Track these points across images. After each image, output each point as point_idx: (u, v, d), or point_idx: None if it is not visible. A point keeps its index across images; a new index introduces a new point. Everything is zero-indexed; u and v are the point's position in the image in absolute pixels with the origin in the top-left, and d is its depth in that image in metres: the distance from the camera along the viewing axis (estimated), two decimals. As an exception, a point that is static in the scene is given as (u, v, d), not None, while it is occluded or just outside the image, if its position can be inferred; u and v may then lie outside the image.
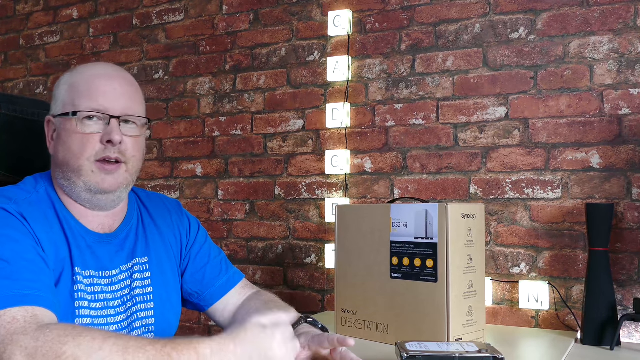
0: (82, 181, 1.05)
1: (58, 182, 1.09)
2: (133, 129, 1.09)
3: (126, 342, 0.82)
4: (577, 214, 1.71)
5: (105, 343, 0.81)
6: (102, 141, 1.05)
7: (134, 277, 1.13)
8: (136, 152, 1.10)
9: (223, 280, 1.26)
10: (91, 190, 1.06)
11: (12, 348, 0.80)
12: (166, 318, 1.17)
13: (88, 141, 1.04)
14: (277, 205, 2.14)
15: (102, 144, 1.05)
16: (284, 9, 2.17)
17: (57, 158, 1.08)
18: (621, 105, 1.68)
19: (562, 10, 1.76)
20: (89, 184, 1.05)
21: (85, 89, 1.06)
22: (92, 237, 1.09)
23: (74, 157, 1.05)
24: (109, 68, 1.11)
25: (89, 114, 1.04)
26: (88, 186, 1.05)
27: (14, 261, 0.92)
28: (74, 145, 1.05)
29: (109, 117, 1.05)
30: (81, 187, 1.06)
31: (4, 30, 2.81)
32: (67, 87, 1.08)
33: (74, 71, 1.11)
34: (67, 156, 1.05)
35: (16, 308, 0.86)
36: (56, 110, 1.09)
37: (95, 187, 1.05)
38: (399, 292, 1.43)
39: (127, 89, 1.10)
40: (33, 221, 1.00)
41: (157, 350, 0.81)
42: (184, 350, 0.82)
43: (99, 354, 0.79)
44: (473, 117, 1.85)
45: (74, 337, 0.81)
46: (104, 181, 1.05)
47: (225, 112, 2.26)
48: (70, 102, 1.06)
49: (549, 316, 1.72)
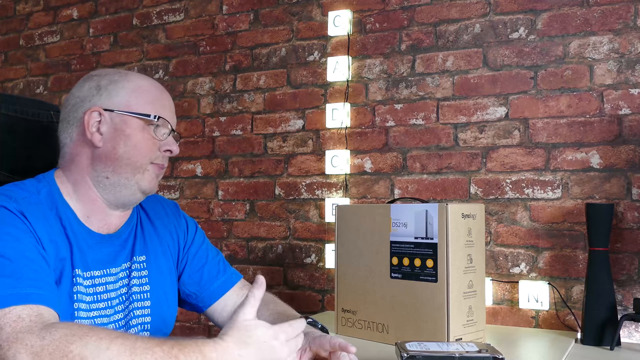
0: (136, 179, 1.10)
1: (96, 173, 1.09)
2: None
3: (133, 342, 0.82)
4: (577, 214, 1.71)
5: (113, 343, 0.81)
6: (161, 149, 1.12)
7: (132, 275, 1.14)
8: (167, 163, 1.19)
9: (221, 280, 1.26)
10: (140, 188, 1.11)
11: (17, 346, 0.80)
12: (162, 317, 1.17)
13: (154, 145, 1.11)
14: (277, 205, 2.14)
15: (161, 151, 1.13)
16: (284, 9, 2.17)
17: (112, 151, 1.08)
18: (621, 105, 1.68)
19: (562, 10, 1.76)
20: (141, 182, 1.10)
21: (158, 98, 1.13)
22: (95, 238, 1.10)
23: (140, 154, 1.09)
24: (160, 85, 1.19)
25: (163, 122, 1.11)
26: (139, 185, 1.10)
27: (16, 259, 0.92)
28: (142, 144, 1.09)
29: (171, 129, 1.14)
30: (131, 184, 1.10)
31: (4, 30, 2.81)
32: (135, 88, 1.11)
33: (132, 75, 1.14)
34: (131, 152, 1.09)
35: (21, 306, 0.86)
36: (116, 105, 1.09)
37: (145, 186, 1.11)
38: (399, 292, 1.43)
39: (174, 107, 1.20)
40: (33, 220, 1.00)
41: (165, 351, 0.82)
42: (190, 353, 0.82)
43: (107, 353, 0.80)
44: (473, 117, 1.85)
45: (80, 337, 0.81)
46: (152, 181, 1.12)
47: (225, 112, 2.26)
48: (142, 105, 1.10)
49: (549, 316, 1.72)
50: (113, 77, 1.12)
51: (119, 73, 1.14)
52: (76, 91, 1.13)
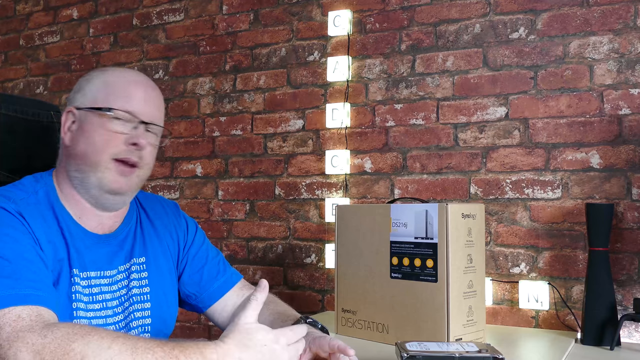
0: (96, 177, 1.06)
1: (69, 174, 1.08)
2: (154, 138, 1.12)
3: (134, 342, 0.82)
4: (577, 214, 1.71)
5: (114, 343, 0.81)
6: (126, 143, 1.06)
7: (131, 277, 1.13)
8: (150, 160, 1.12)
9: (221, 281, 1.26)
10: (102, 188, 1.06)
11: (18, 345, 0.80)
12: (162, 318, 1.17)
13: (113, 139, 1.05)
14: (277, 205, 2.14)
15: (126, 145, 1.06)
16: (284, 9, 2.18)
17: (74, 149, 1.08)
18: (621, 105, 1.68)
19: (562, 10, 1.76)
20: (102, 180, 1.06)
21: (123, 90, 1.08)
22: (91, 238, 1.09)
23: (95, 151, 1.05)
24: (143, 76, 1.14)
25: (122, 114, 1.06)
26: (100, 183, 1.06)
27: (14, 260, 0.92)
28: (98, 140, 1.05)
29: (139, 121, 1.07)
30: (93, 182, 1.06)
31: (4, 30, 2.81)
32: (102, 83, 1.09)
33: (109, 70, 1.12)
34: (87, 149, 1.06)
35: (20, 307, 0.86)
36: (84, 103, 1.09)
37: (106, 185, 1.06)
38: (399, 292, 1.43)
39: (158, 99, 1.13)
40: (32, 221, 1.00)
41: (166, 352, 0.82)
42: (191, 354, 0.82)
43: (108, 352, 0.80)
44: (473, 117, 1.85)
45: (82, 336, 0.81)
46: (116, 181, 1.06)
47: (225, 112, 2.26)
48: (104, 99, 1.07)
49: (549, 316, 1.72)
50: (91, 75, 1.12)
51: (99, 71, 1.12)
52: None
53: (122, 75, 1.11)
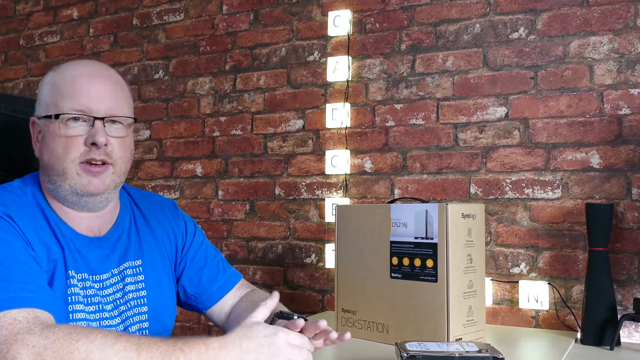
0: (68, 184, 1.03)
1: (45, 184, 1.07)
2: (119, 129, 1.07)
3: (138, 339, 0.84)
4: (577, 214, 1.71)
5: (118, 340, 0.82)
6: (86, 143, 1.02)
7: (126, 280, 1.12)
8: (123, 152, 1.07)
9: (220, 282, 1.25)
10: (77, 193, 1.03)
11: (16, 347, 0.80)
12: (160, 321, 1.16)
13: (72, 144, 1.01)
14: (277, 205, 2.14)
15: (87, 146, 1.02)
16: (284, 9, 2.17)
17: (42, 161, 1.06)
18: (621, 105, 1.68)
19: (562, 10, 1.76)
20: (75, 186, 1.03)
21: (68, 90, 1.03)
22: (82, 240, 1.07)
23: (59, 160, 1.02)
24: (93, 66, 1.08)
25: (72, 115, 1.02)
26: (74, 189, 1.03)
27: (7, 263, 0.91)
28: (57, 148, 1.02)
29: (93, 118, 1.03)
30: (67, 190, 1.03)
31: (4, 30, 2.81)
32: (50, 87, 1.05)
33: (57, 70, 1.08)
34: (51, 159, 1.03)
35: (16, 310, 0.86)
36: (40, 111, 1.06)
37: (81, 190, 1.03)
38: (399, 292, 1.43)
39: (112, 87, 1.06)
40: (21, 222, 0.99)
41: (169, 345, 0.83)
42: (194, 345, 0.84)
43: (113, 349, 0.81)
44: (473, 117, 1.85)
45: (86, 335, 0.82)
46: (90, 183, 1.03)
47: (225, 112, 2.26)
48: (53, 104, 1.03)
49: (549, 316, 1.72)
50: (44, 79, 1.08)
51: (53, 70, 1.08)
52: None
53: (67, 72, 1.05)
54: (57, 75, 1.06)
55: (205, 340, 0.86)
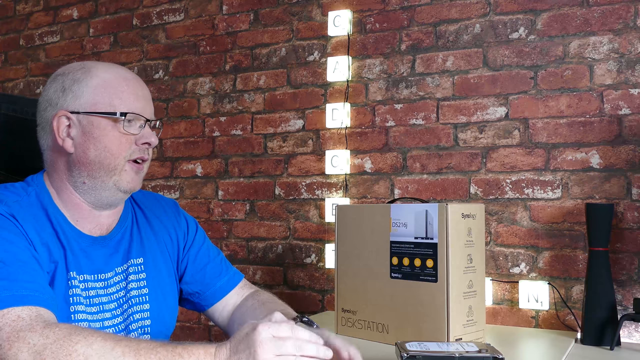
0: (113, 180, 1.07)
1: (73, 180, 1.07)
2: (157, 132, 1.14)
3: (137, 343, 0.83)
4: (577, 214, 1.71)
5: (118, 344, 0.81)
6: (137, 142, 1.08)
7: (129, 278, 1.12)
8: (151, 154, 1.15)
9: (224, 280, 1.25)
10: (120, 189, 1.08)
11: (18, 345, 0.80)
12: (162, 319, 1.16)
13: (127, 141, 1.07)
14: (277, 205, 2.14)
15: (137, 145, 1.08)
16: (284, 9, 2.17)
17: (83, 156, 1.05)
18: (621, 105, 1.68)
19: (562, 10, 1.76)
20: (120, 182, 1.07)
21: (124, 90, 1.07)
22: (86, 240, 1.08)
23: (112, 155, 1.06)
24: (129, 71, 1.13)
25: (131, 116, 1.07)
26: (118, 185, 1.07)
27: (10, 262, 0.91)
28: (112, 145, 1.06)
29: (145, 120, 1.09)
30: (109, 185, 1.07)
31: (4, 30, 2.81)
32: (99, 84, 1.06)
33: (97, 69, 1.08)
34: (101, 155, 1.05)
35: (19, 307, 0.86)
36: (81, 106, 1.05)
37: (124, 186, 1.08)
38: (399, 292, 1.43)
39: (150, 94, 1.14)
40: (24, 222, 0.99)
41: (168, 351, 0.82)
42: (193, 349, 0.84)
43: (112, 353, 0.80)
44: (473, 117, 1.85)
45: (85, 337, 0.81)
46: (133, 180, 1.09)
47: (225, 112, 2.26)
48: (108, 102, 1.05)
49: (549, 316, 1.72)
50: (76, 75, 1.07)
51: (82, 69, 1.08)
52: (44, 93, 1.09)
53: (116, 74, 1.08)
54: (101, 74, 1.07)
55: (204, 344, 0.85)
